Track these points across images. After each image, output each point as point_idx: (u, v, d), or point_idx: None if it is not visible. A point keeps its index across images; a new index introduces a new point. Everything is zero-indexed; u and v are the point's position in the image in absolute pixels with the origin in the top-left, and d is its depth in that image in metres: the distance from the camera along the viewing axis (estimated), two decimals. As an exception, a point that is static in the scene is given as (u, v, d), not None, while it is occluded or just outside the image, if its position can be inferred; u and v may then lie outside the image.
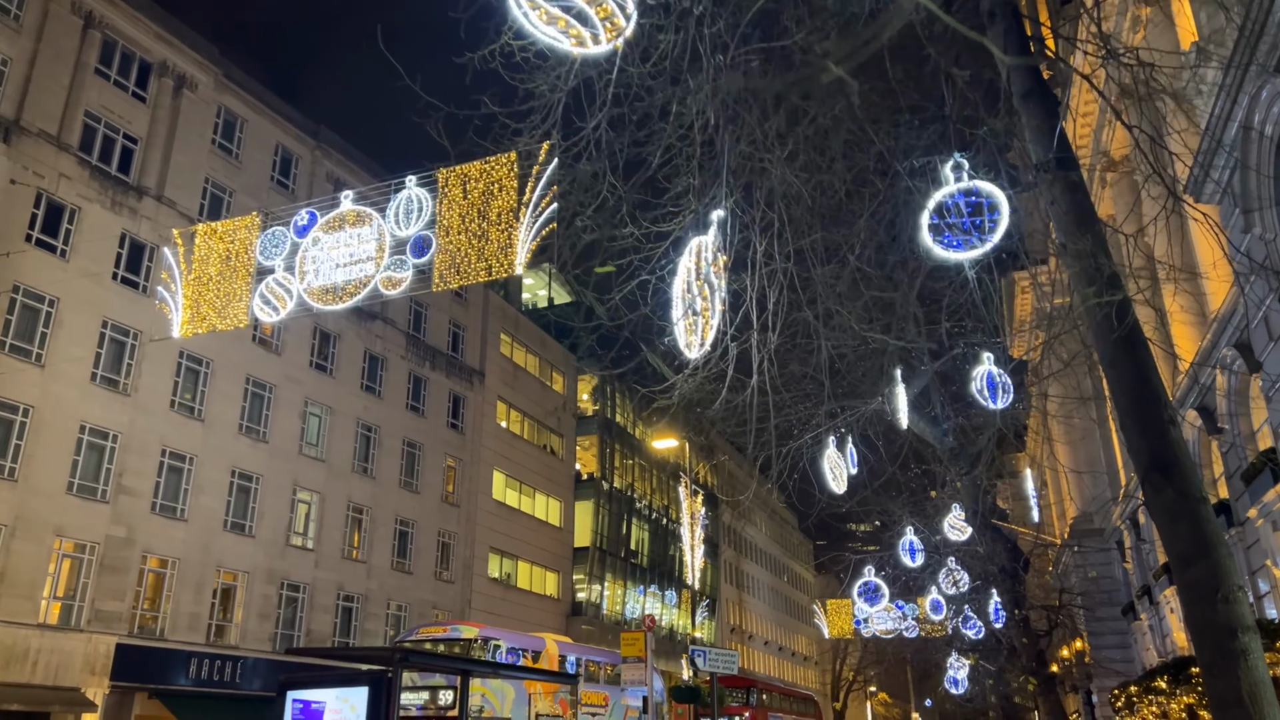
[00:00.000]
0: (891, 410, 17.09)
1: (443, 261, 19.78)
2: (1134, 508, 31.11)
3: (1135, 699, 27.21)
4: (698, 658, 11.70)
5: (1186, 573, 4.92)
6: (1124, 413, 5.30)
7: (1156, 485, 5.05)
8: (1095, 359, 26.65)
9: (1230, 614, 4.74)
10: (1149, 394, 5.17)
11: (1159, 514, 5.13)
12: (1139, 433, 5.19)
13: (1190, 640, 5.13)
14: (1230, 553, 4.98)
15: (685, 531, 23.36)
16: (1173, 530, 4.98)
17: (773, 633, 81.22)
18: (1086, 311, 5.61)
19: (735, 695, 34.03)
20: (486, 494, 41.77)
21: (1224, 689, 4.72)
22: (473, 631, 20.54)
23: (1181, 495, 4.97)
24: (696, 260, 6.43)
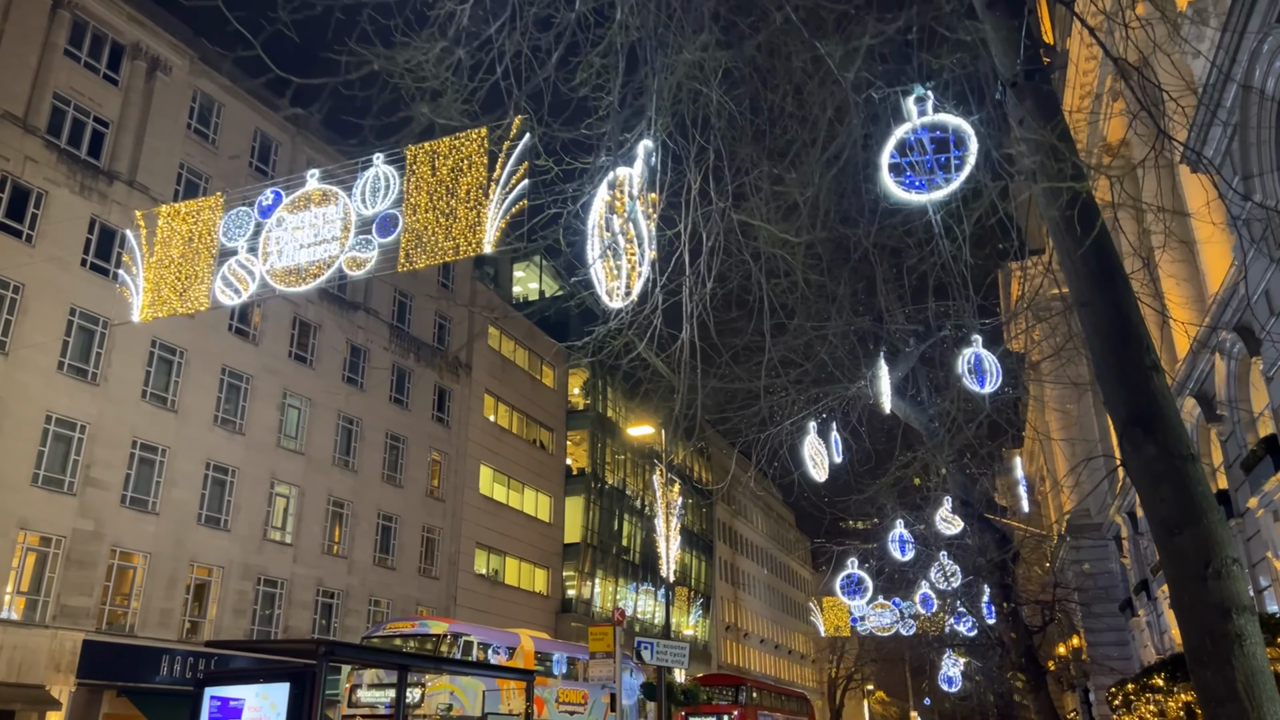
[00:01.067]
0: (874, 394, 16.35)
1: (409, 241, 19.09)
2: (1132, 501, 30.37)
3: (1132, 697, 26.45)
4: (644, 650, 10.87)
5: (1171, 543, 4.17)
6: (1099, 359, 4.54)
7: (1135, 441, 4.30)
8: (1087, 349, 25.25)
9: (1222, 591, 4.00)
10: (1127, 336, 4.42)
11: (1139, 475, 4.37)
12: (1116, 381, 4.43)
13: (1178, 624, 4.39)
14: (1223, 520, 4.22)
15: (660, 521, 22.57)
16: (1155, 494, 4.23)
17: (769, 630, 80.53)
18: (1057, 244, 4.86)
19: (723, 693, 33.30)
20: (473, 489, 41.04)
21: (1215, 680, 3.98)
22: (441, 627, 19.80)
23: (1165, 453, 4.22)
24: (620, 195, 5.69)
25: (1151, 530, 4.42)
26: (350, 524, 34.31)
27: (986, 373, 15.37)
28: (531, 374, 47.73)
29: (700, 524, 68.54)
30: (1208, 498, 4.23)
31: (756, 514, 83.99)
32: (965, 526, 18.05)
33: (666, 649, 11.20)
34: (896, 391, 16.76)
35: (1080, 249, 4.54)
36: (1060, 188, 4.61)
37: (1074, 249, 4.58)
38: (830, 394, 16.31)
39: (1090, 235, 4.51)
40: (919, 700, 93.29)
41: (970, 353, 15.18)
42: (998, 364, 15.26)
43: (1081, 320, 4.75)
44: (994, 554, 15.52)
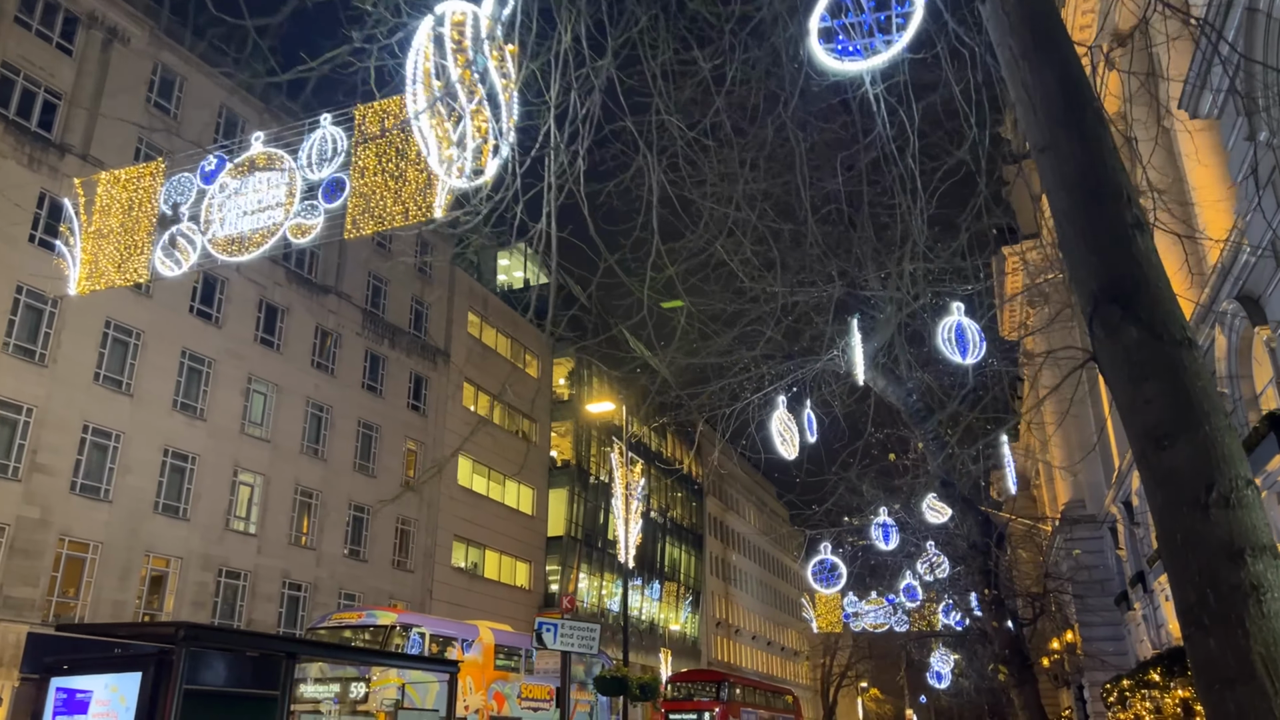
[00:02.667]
0: (847, 364, 15.20)
1: (356, 206, 17.90)
2: (1128, 490, 29.24)
3: (1128, 694, 25.34)
4: (545, 633, 9.52)
5: (1159, 460, 3.00)
6: (1064, 220, 3.35)
7: (1110, 324, 3.12)
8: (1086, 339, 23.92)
9: (1231, 524, 2.83)
10: (1100, 184, 3.23)
11: (1115, 369, 3.18)
12: (1086, 245, 3.24)
13: (1166, 572, 3.20)
14: (1231, 427, 3.04)
15: (618, 503, 21.39)
16: (1136, 394, 3.06)
17: (761, 627, 79.39)
18: (1010, 79, 3.68)
19: (704, 690, 32.17)
20: (451, 479, 39.85)
21: (1220, 652, 2.82)
22: (390, 617, 18.67)
23: (1150, 336, 3.05)
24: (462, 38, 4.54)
25: (1134, 447, 3.26)
26: (319, 514, 33.14)
27: (969, 343, 14.25)
28: (514, 363, 46.53)
29: (690, 518, 67.42)
30: (1209, 396, 3.05)
31: (749, 508, 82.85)
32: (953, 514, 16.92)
33: (572, 632, 9.85)
34: (872, 364, 15.62)
35: (1039, 76, 3.38)
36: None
37: (1032, 78, 3.41)
38: (801, 364, 15.14)
39: (1054, 55, 3.35)
40: (914, 698, 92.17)
41: (951, 322, 14.04)
42: (980, 334, 14.13)
43: (1042, 174, 3.57)
44: (976, 537, 14.37)
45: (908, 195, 6.16)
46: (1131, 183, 3.27)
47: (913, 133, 5.45)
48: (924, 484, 17.66)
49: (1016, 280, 41.13)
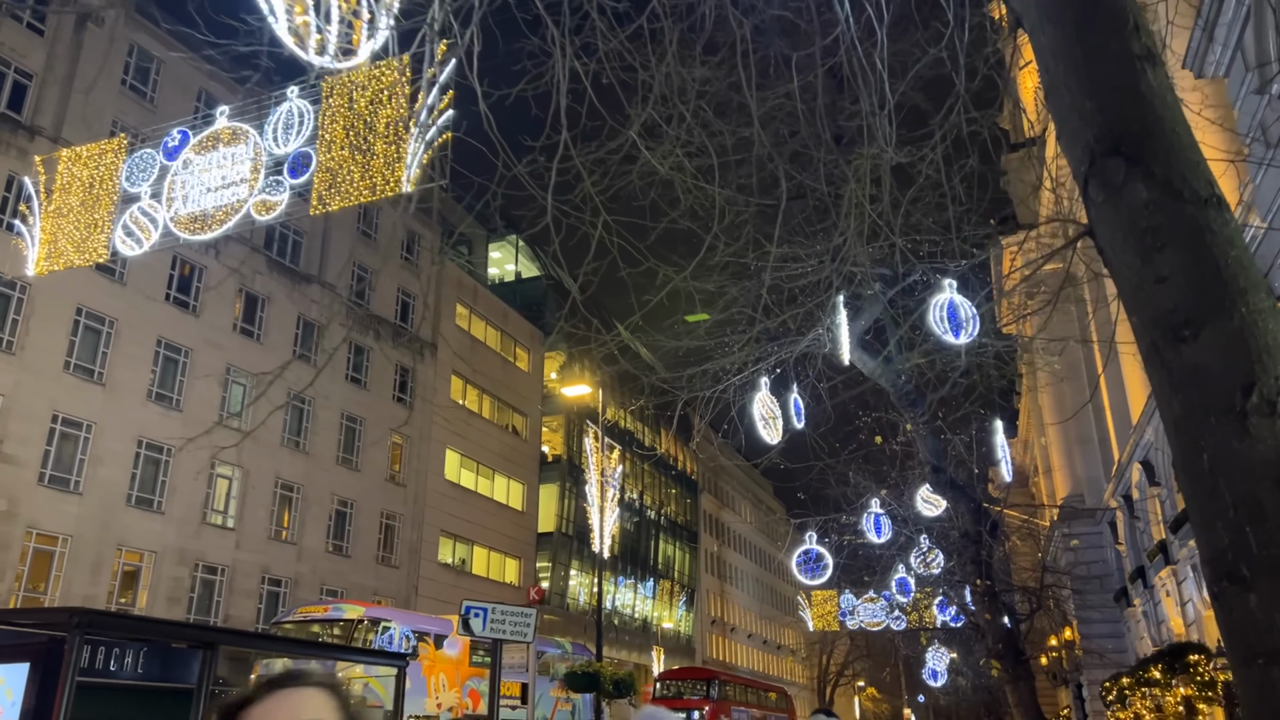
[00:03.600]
0: (832, 344, 14.46)
1: (323, 181, 17.29)
2: (1128, 483, 28.55)
3: (1127, 691, 24.62)
4: (473, 618, 8.70)
5: (1179, 356, 2.23)
6: (1051, 57, 2.58)
7: (1112, 181, 2.33)
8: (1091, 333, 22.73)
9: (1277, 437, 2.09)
10: (1097, 9, 2.47)
11: (1117, 240, 2.39)
12: (1080, 86, 2.46)
13: (1188, 506, 2.40)
14: (1275, 308, 2.27)
15: (593, 490, 20.59)
16: (1146, 269, 2.26)
17: (756, 625, 78.68)
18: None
19: (694, 688, 31.45)
20: (438, 474, 39.10)
21: (1264, 610, 2.03)
22: (357, 611, 17.93)
23: (1165, 194, 2.28)
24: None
25: (1143, 344, 2.49)
26: (300, 508, 32.39)
27: (962, 322, 13.51)
28: (504, 356, 45.77)
29: (685, 515, 66.71)
30: (1246, 270, 2.27)
31: (745, 505, 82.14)
32: (947, 506, 16.18)
33: (504, 618, 8.90)
34: (860, 344, 14.90)
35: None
36: None
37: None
38: (784, 344, 14.40)
39: None
40: (912, 697, 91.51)
41: (943, 299, 13.28)
42: (975, 312, 13.37)
43: (1024, 10, 2.81)
44: (968, 525, 13.63)
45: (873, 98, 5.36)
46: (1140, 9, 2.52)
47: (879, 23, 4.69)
48: (917, 474, 16.95)
49: (1014, 275, 40.39)
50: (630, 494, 56.66)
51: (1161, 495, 24.40)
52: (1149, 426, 24.45)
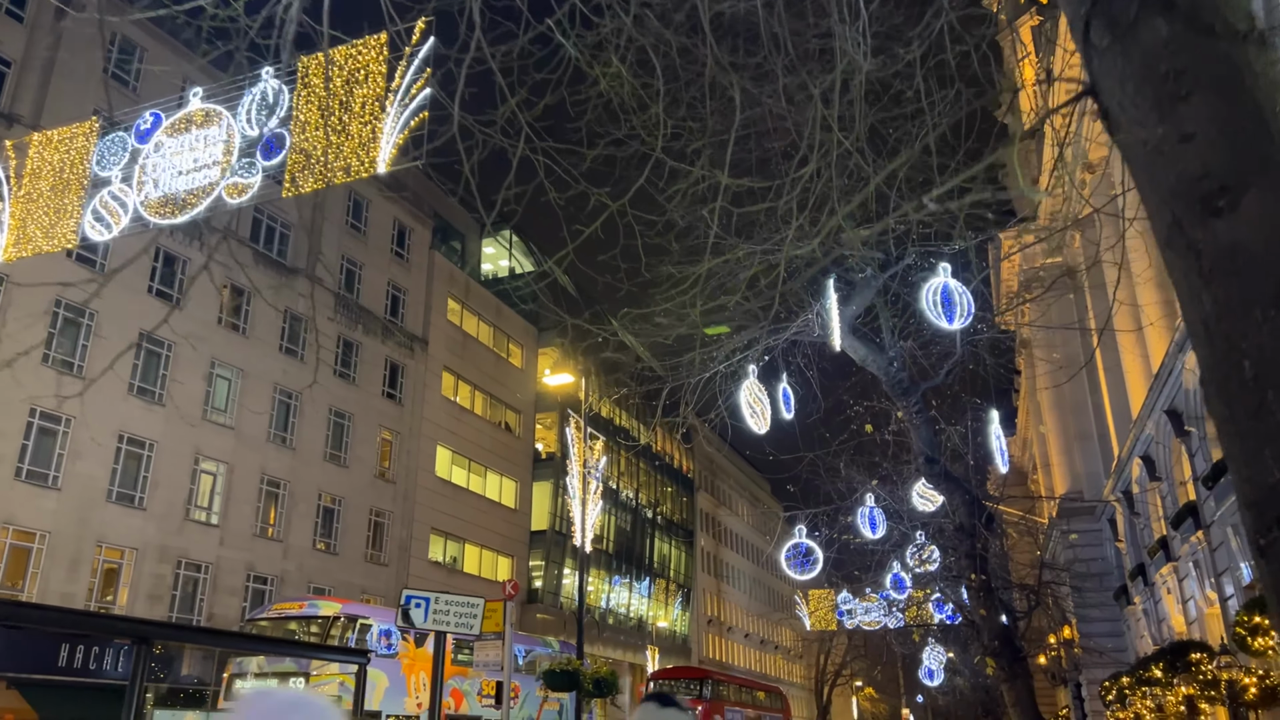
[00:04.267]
0: (823, 330, 13.95)
1: (296, 162, 16.83)
2: (1127, 479, 28.05)
3: (1127, 691, 24.12)
4: (413, 609, 8.09)
5: (1210, 232, 1.70)
6: None
7: (1120, 16, 1.79)
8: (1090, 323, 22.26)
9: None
10: None
11: (1129, 91, 1.90)
12: None
13: (1221, 435, 1.87)
14: None
15: (573, 481, 20.04)
16: (1167, 124, 1.75)
17: (753, 624, 78.15)
18: None
19: (687, 687, 30.93)
20: (429, 471, 38.57)
21: None
22: (333, 608, 17.41)
23: (1191, 29, 1.75)
24: None
25: (1159, 222, 1.96)
26: (287, 505, 31.86)
27: (956, 307, 12.99)
28: (497, 352, 45.22)
29: (681, 513, 66.18)
30: None
31: (742, 504, 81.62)
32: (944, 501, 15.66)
33: (449, 608, 8.26)
34: (852, 330, 14.38)
35: None
36: None
37: None
38: (774, 330, 13.88)
39: None
40: (911, 697, 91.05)
41: (936, 283, 12.78)
42: (969, 296, 12.86)
43: None
44: (964, 519, 13.11)
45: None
46: None
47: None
48: (912, 468, 16.43)
49: (1013, 266, 39.89)
50: (625, 492, 56.14)
51: (1163, 490, 23.90)
52: (1150, 420, 23.94)
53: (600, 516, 52.72)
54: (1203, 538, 20.09)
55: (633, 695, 47.52)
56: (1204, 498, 19.91)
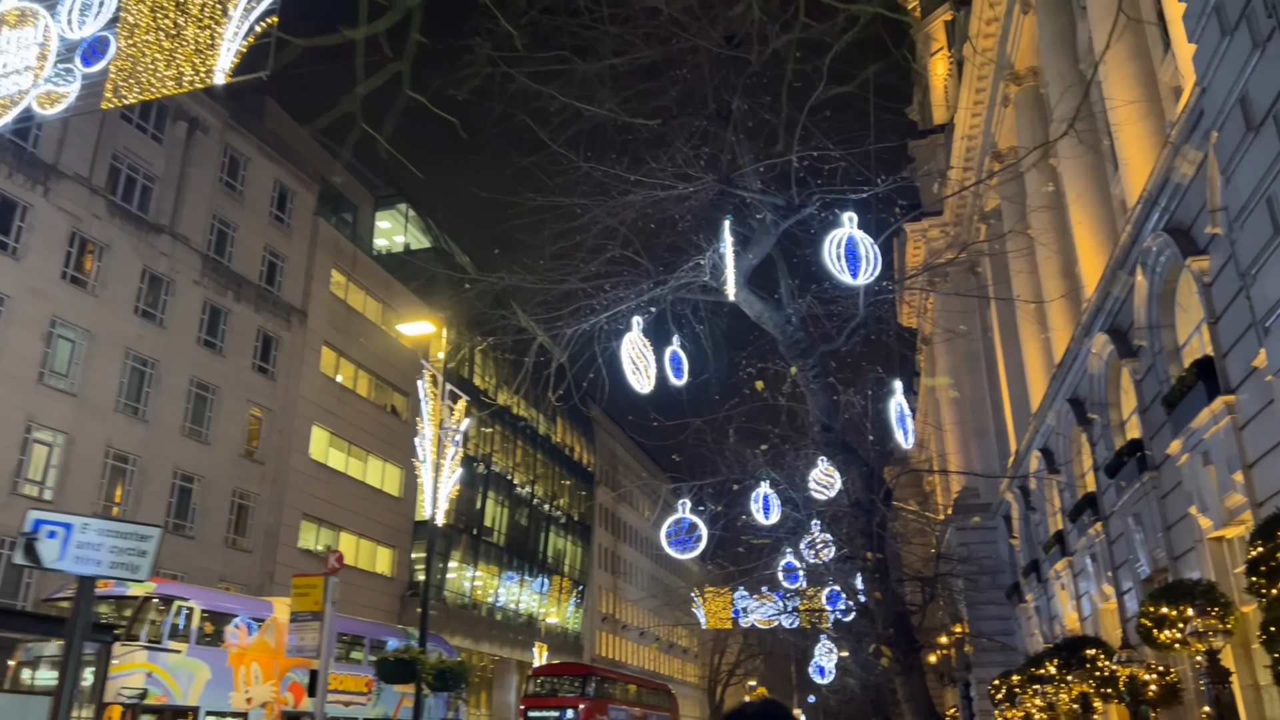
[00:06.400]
0: (716, 278, 12.48)
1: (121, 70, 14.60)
2: (1025, 474, 27.54)
3: (1017, 689, 23.47)
4: (45, 541, 6.30)
5: None
6: None
7: None
8: None
9: None
10: None
11: None
12: None
13: None
14: None
15: (425, 445, 18.18)
16: None
17: (650, 623, 76.91)
18: None
19: (568, 684, 29.29)
20: (303, 452, 35.92)
21: None
22: (146, 587, 15.14)
23: None
24: None
25: None
26: (136, 482, 28.96)
27: (861, 260, 11.66)
28: (386, 330, 42.65)
29: (579, 507, 64.49)
30: None
31: (643, 500, 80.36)
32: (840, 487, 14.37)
33: (101, 541, 6.35)
34: (748, 283, 12.97)
35: None
36: None
37: None
38: (658, 277, 12.34)
39: None
40: (803, 697, 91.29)
41: (841, 235, 11.42)
42: (876, 250, 11.54)
43: None
44: (860, 494, 11.80)
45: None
46: None
47: None
48: (811, 452, 15.10)
49: (917, 256, 39.49)
50: (521, 485, 54.14)
51: (1061, 483, 23.32)
52: (1051, 410, 23.34)
53: (493, 508, 50.60)
54: (1101, 529, 19.41)
55: (518, 693, 45.60)
56: (1104, 487, 19.22)
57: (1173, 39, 14.74)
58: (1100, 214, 19.93)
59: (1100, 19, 17.65)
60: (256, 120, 36.58)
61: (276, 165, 36.41)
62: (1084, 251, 20.57)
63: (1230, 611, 12.40)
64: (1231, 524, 13.36)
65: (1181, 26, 13.82)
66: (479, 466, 49.25)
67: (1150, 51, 16.90)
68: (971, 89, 30.51)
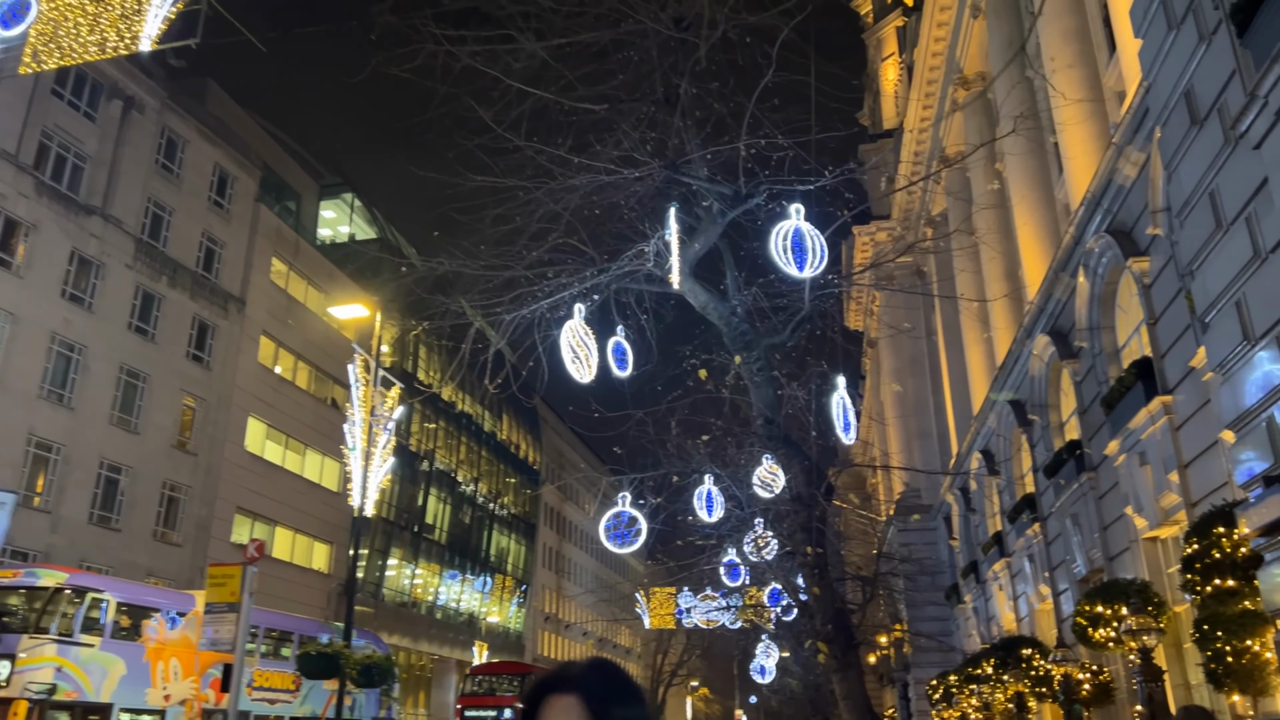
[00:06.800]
0: (661, 267, 12.23)
1: (41, 35, 14.04)
2: (965, 475, 27.80)
3: (954, 689, 23.63)
4: None
5: None
6: None
7: None
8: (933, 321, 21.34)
9: None
10: None
11: None
12: None
13: None
14: None
15: (356, 430, 17.67)
16: None
17: (594, 623, 76.52)
18: None
19: (509, 683, 28.86)
20: (238, 444, 34.94)
21: None
22: (57, 577, 14.40)
23: None
24: None
25: None
26: (59, 471, 27.84)
27: (808, 253, 11.50)
28: (328, 322, 41.66)
29: (523, 506, 63.89)
30: None
31: (589, 499, 79.94)
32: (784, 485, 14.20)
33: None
34: (693, 273, 12.74)
35: None
36: None
37: None
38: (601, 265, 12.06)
39: None
40: (745, 697, 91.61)
41: (788, 226, 11.23)
42: (823, 242, 11.38)
43: None
44: (801, 489, 11.63)
45: None
46: None
47: None
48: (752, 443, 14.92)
49: (864, 258, 39.71)
50: (465, 483, 53.45)
51: (1001, 484, 23.54)
52: (991, 413, 23.56)
53: (435, 504, 49.85)
54: (1039, 530, 19.59)
55: (458, 693, 44.90)
56: (1043, 488, 19.40)
57: (1119, 42, 14.87)
58: (1044, 217, 20.14)
59: (1049, 23, 17.81)
60: (197, 102, 35.50)
61: (217, 149, 35.37)
62: (1027, 254, 20.78)
63: (1163, 611, 12.50)
64: (1166, 524, 13.50)
65: (1128, 29, 13.94)
66: (423, 463, 48.49)
67: (1096, 56, 17.08)
68: (921, 93, 30.78)
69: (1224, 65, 7.30)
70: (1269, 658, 9.09)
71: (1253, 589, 8.68)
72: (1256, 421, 7.16)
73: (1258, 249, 6.99)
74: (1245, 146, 7.25)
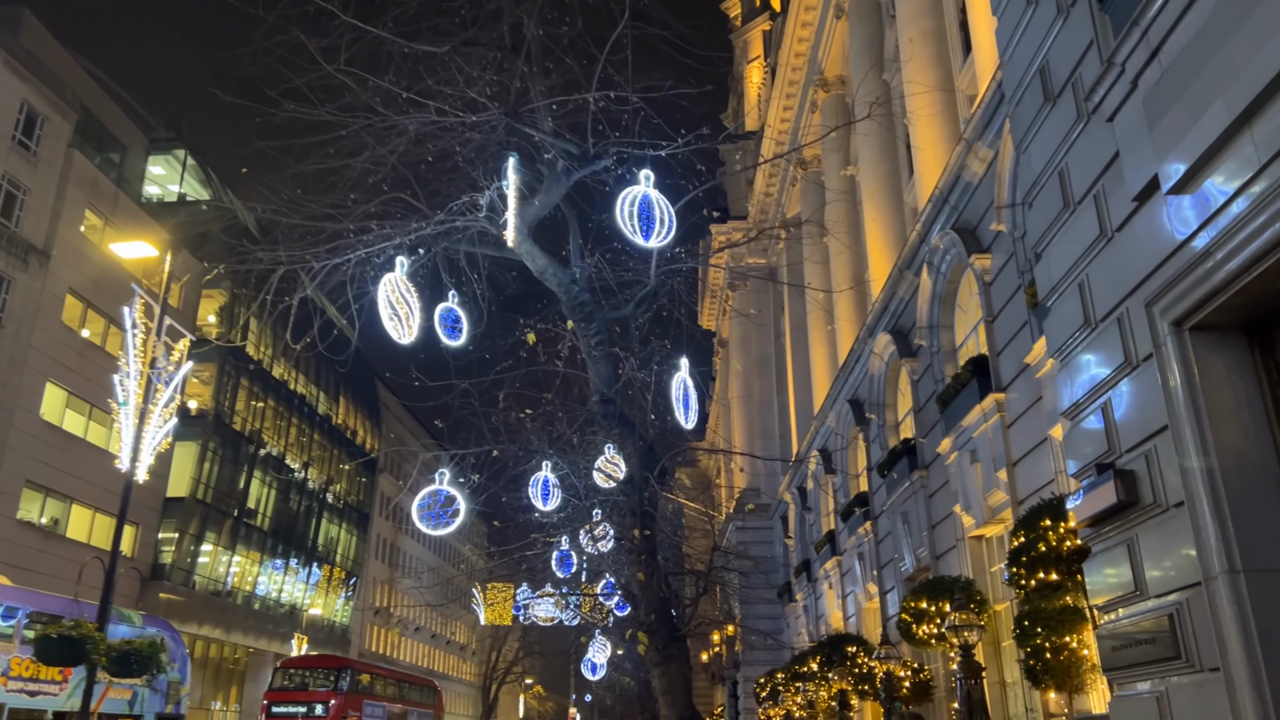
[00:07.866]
0: (496, 224, 11.30)
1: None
2: (803, 475, 28.03)
3: (780, 687, 23.68)
4: None
5: None
6: None
7: None
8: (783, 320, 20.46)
9: None
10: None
11: None
12: None
13: None
14: None
15: (131, 382, 15.86)
16: None
17: (427, 618, 74.19)
18: None
19: (325, 677, 27.07)
20: (31, 411, 31.51)
21: None
22: None
23: None
24: None
25: None
26: None
27: (655, 222, 10.82)
28: (146, 283, 38.32)
29: (357, 495, 61.17)
30: None
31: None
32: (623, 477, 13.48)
33: None
34: (532, 234, 11.87)
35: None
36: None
37: None
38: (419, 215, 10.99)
39: None
40: (580, 695, 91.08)
41: (636, 193, 10.51)
42: (671, 213, 10.73)
43: None
44: (635, 471, 10.94)
45: None
46: None
47: None
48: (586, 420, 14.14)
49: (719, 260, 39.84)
50: (294, 467, 50.53)
51: (835, 483, 23.74)
52: (831, 412, 23.72)
53: (259, 488, 46.80)
54: (870, 529, 19.71)
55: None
56: (876, 487, 19.53)
57: (974, 44, 14.95)
58: (892, 218, 20.31)
59: (906, 24, 17.89)
60: (8, 34, 31.86)
61: (26, 85, 31.83)
62: (874, 253, 20.93)
63: (985, 608, 12.51)
64: (992, 522, 13.58)
65: (984, 31, 13.95)
66: (248, 445, 45.45)
67: (951, 59, 17.24)
68: (783, 94, 30.94)
69: (1081, 37, 7.04)
70: (1085, 654, 9.03)
71: (1075, 584, 8.57)
72: (1093, 407, 6.88)
73: (1104, 227, 6.72)
74: (1099, 120, 6.97)
